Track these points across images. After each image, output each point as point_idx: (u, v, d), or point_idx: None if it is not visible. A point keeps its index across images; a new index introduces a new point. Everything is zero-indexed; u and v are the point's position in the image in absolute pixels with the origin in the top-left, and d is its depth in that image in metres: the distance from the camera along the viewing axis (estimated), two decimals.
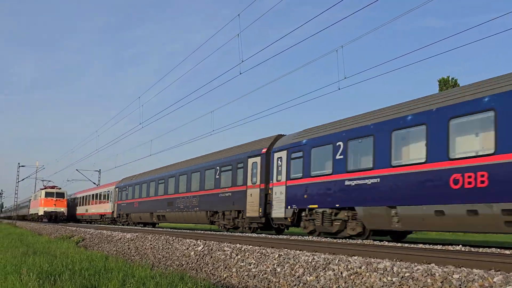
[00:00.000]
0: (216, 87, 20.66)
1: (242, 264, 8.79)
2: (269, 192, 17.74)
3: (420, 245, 13.48)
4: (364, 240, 14.02)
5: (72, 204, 55.06)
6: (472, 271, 5.59)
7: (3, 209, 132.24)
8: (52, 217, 52.05)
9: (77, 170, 41.45)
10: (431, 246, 13.00)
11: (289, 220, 16.53)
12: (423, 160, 12.25)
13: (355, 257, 7.30)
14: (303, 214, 16.03)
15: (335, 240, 14.72)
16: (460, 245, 13.02)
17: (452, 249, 11.63)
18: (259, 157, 18.46)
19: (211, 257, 9.97)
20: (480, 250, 11.57)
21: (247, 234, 19.10)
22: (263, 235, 20.76)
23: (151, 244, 13.41)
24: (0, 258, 11.11)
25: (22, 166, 61.04)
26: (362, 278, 6.40)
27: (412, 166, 12.56)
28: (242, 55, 14.68)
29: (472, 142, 11.45)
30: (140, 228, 28.45)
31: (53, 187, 55.35)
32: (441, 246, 13.22)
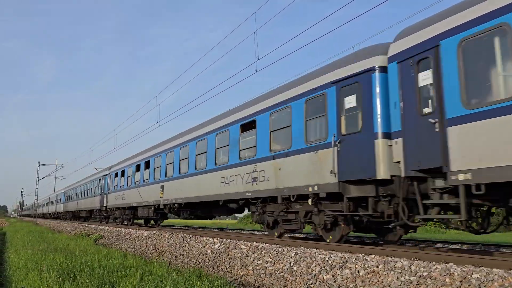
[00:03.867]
0: (233, 85, 20.60)
1: (258, 262, 8.80)
2: None
3: (439, 244, 13.34)
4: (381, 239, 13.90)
5: None
6: (492, 270, 5.51)
7: (24, 207, 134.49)
8: None
9: (95, 168, 41.89)
10: (449, 246, 12.85)
11: None
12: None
13: (372, 256, 7.25)
14: None
15: (352, 239, 14.64)
16: (480, 245, 12.84)
17: (471, 248, 11.49)
18: None
19: (228, 255, 10.00)
20: (500, 249, 11.39)
21: (264, 233, 19.04)
22: None
23: (168, 242, 13.51)
24: (21, 255, 11.32)
25: (42, 164, 61.84)
26: (379, 277, 6.36)
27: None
28: (258, 53, 14.63)
29: None
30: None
31: None
32: (460, 245, 13.06)
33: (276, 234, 12.85)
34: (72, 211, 46.10)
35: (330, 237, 10.73)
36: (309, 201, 10.75)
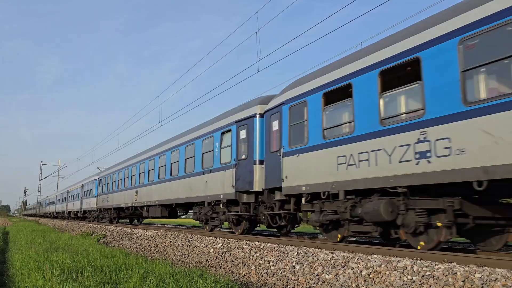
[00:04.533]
0: (235, 85, 20.26)
1: (261, 261, 8.80)
2: None
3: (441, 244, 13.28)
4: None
5: None
6: (495, 270, 5.50)
7: (26, 206, 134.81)
8: None
9: (98, 168, 41.83)
10: (452, 245, 12.83)
11: None
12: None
13: (375, 256, 7.24)
14: None
15: (354, 239, 14.64)
16: None
17: (474, 248, 11.45)
18: None
19: (230, 254, 10.00)
20: (503, 249, 11.36)
21: (267, 232, 19.03)
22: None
23: (170, 241, 13.52)
24: (24, 255, 11.34)
25: (45, 164, 62.08)
26: (382, 276, 6.35)
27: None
28: (260, 52, 14.63)
29: None
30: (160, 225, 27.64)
31: None
32: (463, 245, 13.03)
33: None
34: (119, 208, 28.27)
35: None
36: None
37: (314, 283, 7.10)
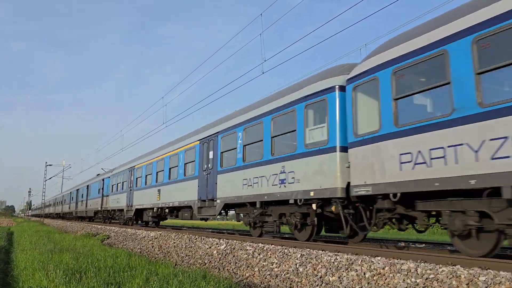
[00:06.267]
0: (239, 87, 20.29)
1: (264, 263, 8.79)
2: None
3: (446, 247, 13.24)
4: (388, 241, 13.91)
5: None
6: (499, 273, 5.47)
7: (31, 207, 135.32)
8: None
9: (102, 169, 41.97)
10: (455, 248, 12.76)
11: None
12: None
13: (378, 258, 7.22)
14: None
15: (357, 241, 14.60)
16: None
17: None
18: None
19: (234, 256, 10.00)
20: (508, 252, 11.31)
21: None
22: (285, 235, 20.57)
23: (174, 242, 13.54)
24: (28, 255, 11.38)
25: (49, 165, 62.26)
26: (385, 279, 6.33)
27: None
28: (264, 54, 14.63)
29: None
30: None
31: None
32: None
33: None
34: None
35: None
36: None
37: (317, 285, 7.08)
